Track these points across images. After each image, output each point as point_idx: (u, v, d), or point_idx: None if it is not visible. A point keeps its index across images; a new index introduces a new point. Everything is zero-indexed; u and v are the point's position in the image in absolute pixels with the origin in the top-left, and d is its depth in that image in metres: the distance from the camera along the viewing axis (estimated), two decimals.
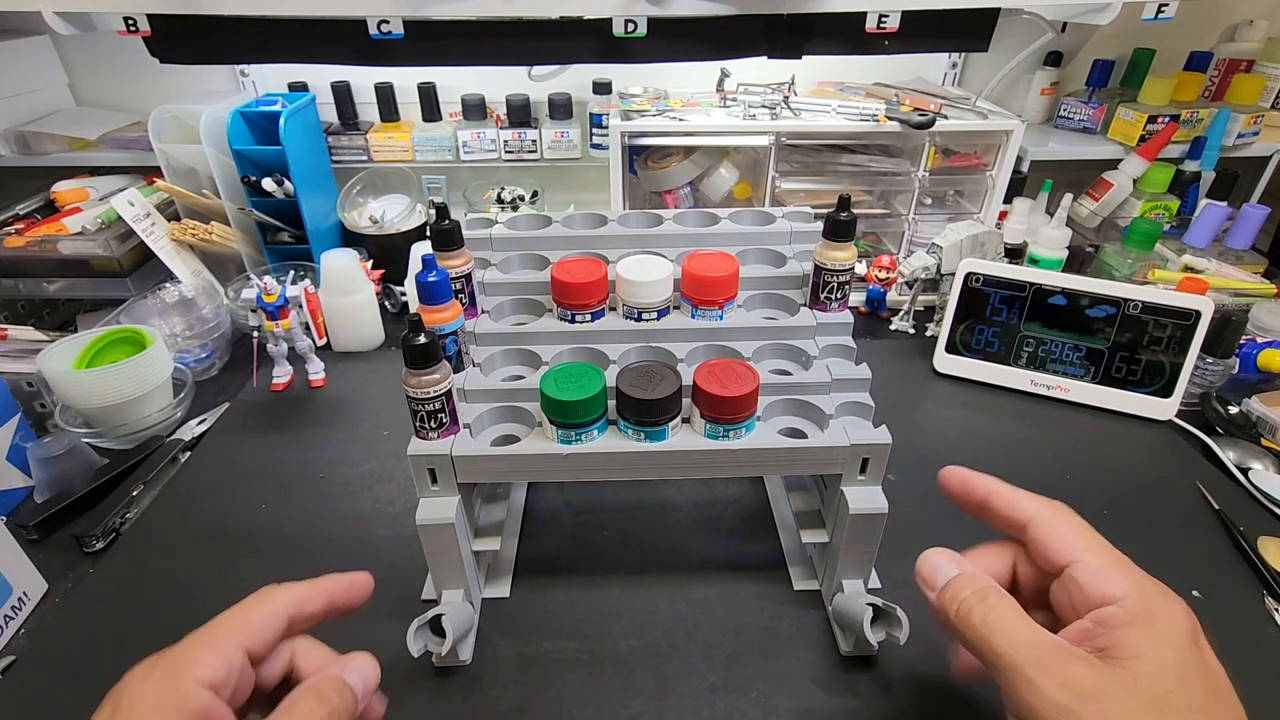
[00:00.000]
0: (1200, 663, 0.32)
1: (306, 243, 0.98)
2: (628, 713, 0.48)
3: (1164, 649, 0.31)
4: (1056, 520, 0.37)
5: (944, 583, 0.36)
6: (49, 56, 1.07)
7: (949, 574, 0.37)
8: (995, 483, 0.40)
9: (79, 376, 0.71)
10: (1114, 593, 0.33)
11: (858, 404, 0.50)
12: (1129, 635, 0.31)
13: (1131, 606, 0.32)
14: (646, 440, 0.47)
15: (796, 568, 0.58)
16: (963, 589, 0.35)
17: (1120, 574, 0.34)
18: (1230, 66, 1.07)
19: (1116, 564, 0.34)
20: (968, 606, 0.34)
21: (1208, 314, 0.73)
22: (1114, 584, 0.33)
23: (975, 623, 0.34)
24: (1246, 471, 0.68)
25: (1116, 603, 0.33)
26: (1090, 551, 0.35)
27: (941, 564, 0.37)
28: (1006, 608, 0.34)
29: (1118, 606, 0.32)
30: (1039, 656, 0.31)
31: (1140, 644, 0.31)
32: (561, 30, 0.87)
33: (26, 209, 0.97)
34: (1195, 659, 0.31)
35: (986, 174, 0.98)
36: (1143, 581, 0.34)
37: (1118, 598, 0.33)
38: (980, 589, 0.35)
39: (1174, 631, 0.32)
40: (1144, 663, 0.30)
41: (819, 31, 0.86)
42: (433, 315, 0.48)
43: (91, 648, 0.53)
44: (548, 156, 1.10)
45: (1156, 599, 0.33)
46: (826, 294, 0.55)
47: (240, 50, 0.90)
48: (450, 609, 0.48)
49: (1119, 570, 0.34)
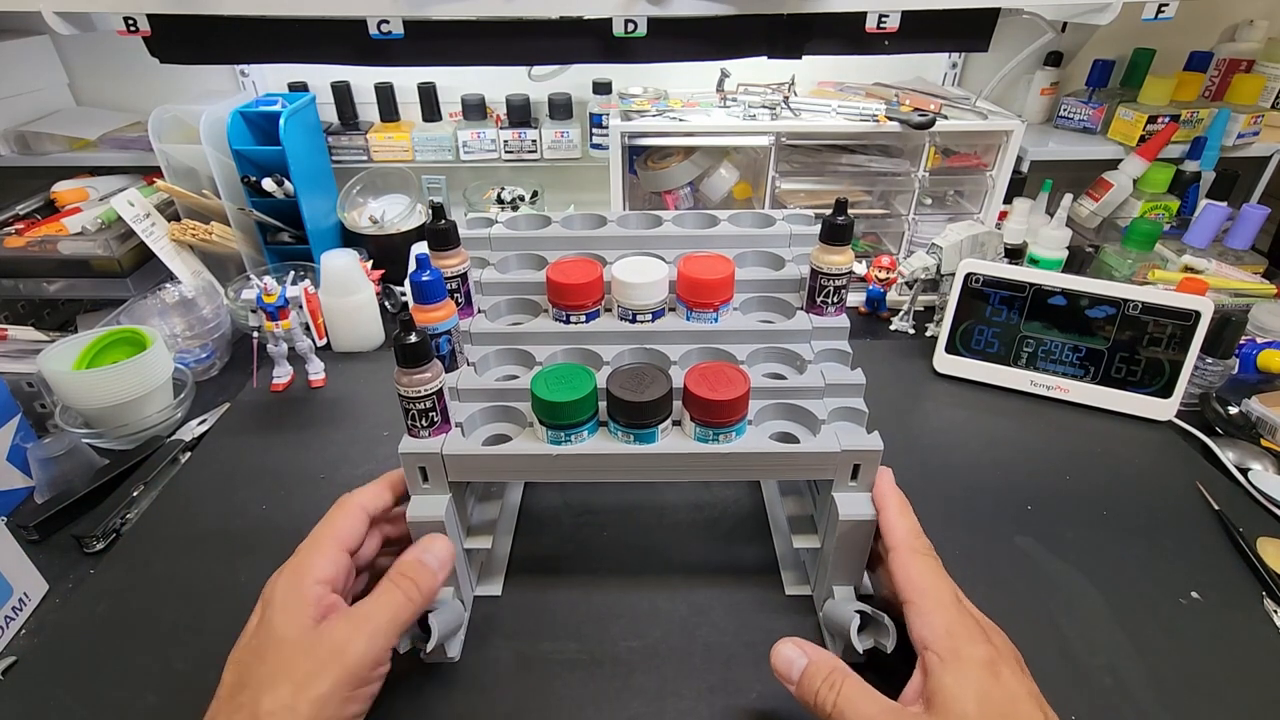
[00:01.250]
0: (999, 691, 0.37)
1: (306, 243, 0.98)
2: (627, 713, 0.48)
3: (967, 688, 0.37)
4: (907, 557, 0.44)
5: (798, 675, 0.42)
6: (49, 56, 1.07)
7: (800, 665, 0.42)
8: (895, 501, 0.47)
9: (79, 377, 0.71)
10: (927, 636, 0.40)
11: (851, 409, 0.50)
12: (942, 680, 0.38)
13: (941, 650, 0.39)
14: (636, 442, 0.47)
15: (789, 572, 0.58)
16: (815, 679, 0.41)
17: (936, 618, 0.40)
18: (1230, 66, 1.07)
19: (936, 608, 0.41)
20: (822, 696, 0.40)
21: (1208, 314, 0.72)
22: (930, 627, 0.40)
23: (829, 710, 0.39)
24: (1246, 472, 0.68)
25: (930, 646, 0.39)
26: (920, 594, 0.42)
27: (793, 657, 0.43)
28: (851, 687, 0.39)
29: (932, 651, 0.39)
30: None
31: (950, 687, 0.37)
32: (561, 30, 0.87)
33: (26, 209, 0.97)
34: (993, 688, 0.37)
35: (986, 174, 0.97)
36: (954, 624, 0.40)
37: (929, 642, 0.39)
38: (828, 676, 0.40)
39: (973, 667, 0.38)
40: (954, 706, 0.36)
41: (819, 31, 0.86)
42: (426, 314, 0.48)
43: (92, 648, 0.53)
44: (548, 156, 1.10)
45: (961, 639, 0.39)
46: (823, 298, 0.54)
47: (240, 50, 0.90)
48: (438, 606, 0.48)
49: (936, 614, 0.40)
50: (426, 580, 0.44)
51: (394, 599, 0.42)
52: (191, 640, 0.53)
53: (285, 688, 0.37)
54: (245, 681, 0.38)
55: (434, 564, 0.45)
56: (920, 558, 0.44)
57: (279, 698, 0.36)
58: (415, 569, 0.44)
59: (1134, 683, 0.50)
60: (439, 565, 0.45)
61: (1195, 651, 0.52)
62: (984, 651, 0.39)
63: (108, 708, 0.49)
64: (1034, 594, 0.56)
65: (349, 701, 0.39)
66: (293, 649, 0.38)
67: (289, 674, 0.37)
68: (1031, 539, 0.61)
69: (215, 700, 0.39)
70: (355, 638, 0.39)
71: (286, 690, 0.37)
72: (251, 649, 0.39)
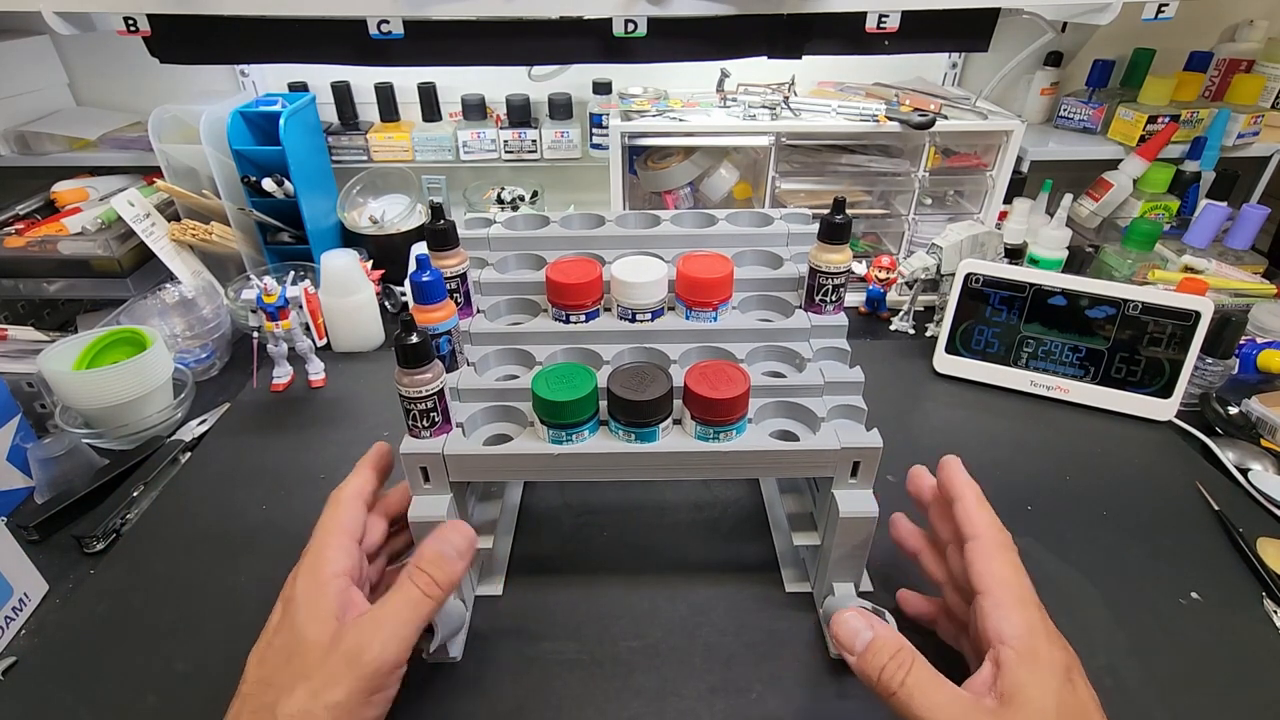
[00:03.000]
0: (1075, 698, 0.37)
1: (306, 243, 0.98)
2: (627, 714, 0.48)
3: (1047, 691, 0.37)
4: (991, 548, 0.43)
5: (862, 646, 0.40)
6: (49, 56, 1.07)
7: (865, 637, 0.40)
8: (970, 489, 0.46)
9: (79, 377, 0.71)
10: (1006, 631, 0.39)
11: (850, 407, 0.50)
12: (1019, 677, 0.37)
13: (1020, 648, 0.38)
14: (637, 441, 0.47)
15: (789, 570, 0.58)
16: (882, 655, 0.39)
17: (1016, 614, 0.39)
18: (1230, 66, 1.07)
19: (1017, 604, 0.40)
20: (889, 673, 0.38)
21: (1207, 314, 0.72)
22: (1009, 622, 0.39)
23: (896, 689, 0.38)
24: (1246, 472, 0.68)
25: (1008, 642, 0.38)
26: (1001, 586, 0.41)
27: (859, 628, 0.41)
28: (920, 670, 0.38)
29: (1009, 648, 0.38)
30: (953, 717, 0.36)
31: (1029, 686, 0.37)
32: (561, 30, 0.87)
33: (26, 209, 0.97)
34: (1069, 695, 0.37)
35: (986, 174, 0.97)
36: (1034, 623, 0.39)
37: (1007, 639, 0.38)
38: (897, 655, 0.39)
39: (1052, 671, 0.37)
40: (1032, 706, 0.36)
41: (819, 31, 0.86)
42: (426, 315, 0.48)
43: (92, 648, 0.53)
44: (548, 156, 1.10)
45: (1041, 641, 0.38)
46: (821, 296, 0.54)
47: (240, 50, 0.90)
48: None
49: (1016, 611, 0.40)
50: (446, 572, 0.42)
51: (411, 596, 0.41)
52: (191, 640, 0.53)
53: (303, 692, 0.37)
54: (270, 681, 0.38)
55: (453, 554, 0.43)
56: (1004, 550, 0.43)
57: (296, 701, 0.36)
58: (434, 562, 0.42)
59: (1134, 683, 0.50)
60: (458, 554, 0.43)
61: (1195, 651, 0.52)
62: (1062, 656, 0.38)
63: (108, 708, 0.49)
64: None
65: (366, 706, 0.38)
66: (313, 650, 0.38)
67: (307, 678, 0.37)
68: (1031, 539, 0.61)
69: (237, 698, 0.39)
70: (372, 641, 0.39)
71: (304, 694, 0.37)
72: (275, 648, 0.39)
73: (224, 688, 0.39)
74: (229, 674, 0.39)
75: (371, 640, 0.39)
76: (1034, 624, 0.39)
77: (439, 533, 0.44)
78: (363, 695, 0.38)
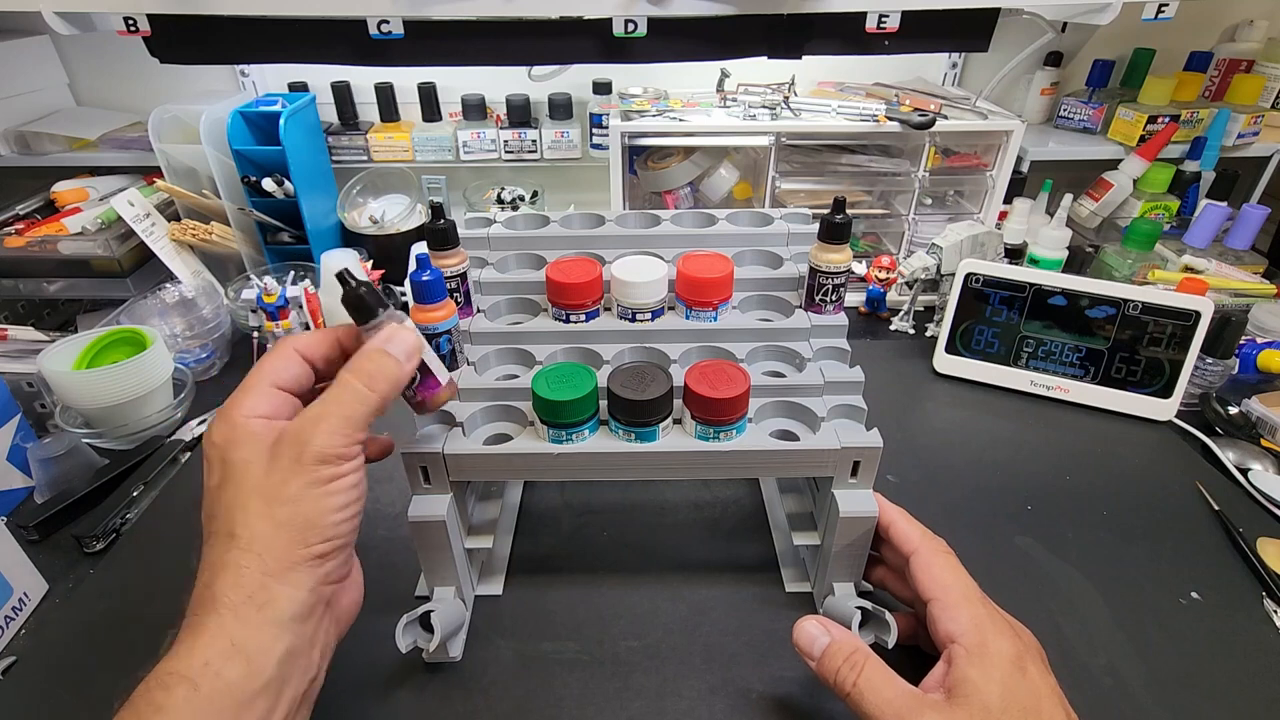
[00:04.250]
0: (1024, 686, 0.38)
1: (306, 243, 0.98)
2: (627, 713, 0.48)
3: (992, 681, 0.38)
4: (929, 558, 0.45)
5: (819, 652, 0.43)
6: (49, 56, 1.07)
7: (823, 643, 0.43)
8: (899, 514, 0.48)
9: (79, 377, 0.71)
10: (954, 630, 0.40)
11: (850, 406, 0.50)
12: (966, 672, 0.38)
13: (968, 643, 0.39)
14: (637, 441, 0.47)
15: (789, 569, 0.58)
16: (836, 658, 0.41)
17: (963, 611, 0.41)
18: (1230, 66, 1.07)
19: (962, 602, 0.42)
20: (842, 676, 0.41)
21: (1208, 314, 0.72)
22: (956, 622, 0.41)
23: (849, 690, 0.40)
24: (1246, 472, 0.68)
25: (957, 640, 0.40)
26: (944, 590, 0.43)
27: (815, 634, 0.43)
28: (872, 670, 0.40)
29: (958, 644, 0.40)
30: (899, 712, 0.38)
31: (975, 679, 0.38)
32: (561, 30, 0.87)
33: (26, 209, 0.97)
34: (1019, 683, 0.38)
35: (986, 174, 0.98)
36: (981, 618, 0.41)
37: (956, 635, 0.40)
38: (850, 656, 0.41)
39: (1000, 661, 0.38)
40: (977, 697, 0.37)
41: (819, 31, 0.86)
42: (427, 314, 0.48)
43: (92, 648, 0.53)
44: (548, 156, 1.10)
45: (989, 633, 0.40)
46: (821, 296, 0.55)
47: (240, 50, 0.90)
48: (440, 606, 0.48)
49: (963, 608, 0.41)
50: (389, 368, 0.39)
51: (350, 387, 0.38)
52: None
53: (257, 503, 0.35)
54: (220, 515, 0.36)
55: (398, 353, 0.40)
56: (942, 555, 0.45)
57: (253, 515, 0.35)
58: (374, 358, 0.39)
59: (1134, 683, 0.50)
60: (404, 355, 0.40)
61: (1195, 651, 0.52)
62: (1011, 646, 0.39)
63: (108, 708, 0.48)
64: (1034, 594, 0.56)
65: (326, 495, 0.36)
66: (253, 470, 0.36)
67: (257, 493, 0.35)
68: (1031, 539, 0.61)
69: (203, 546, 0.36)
70: (314, 432, 0.36)
71: (259, 505, 0.35)
72: (212, 490, 0.37)
73: None
74: None
75: (313, 431, 0.36)
76: (979, 619, 0.41)
77: (384, 333, 0.40)
78: (319, 485, 0.36)
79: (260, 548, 0.35)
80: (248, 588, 0.34)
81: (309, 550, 0.36)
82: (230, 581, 0.34)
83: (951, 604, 0.42)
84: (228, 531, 0.35)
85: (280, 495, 0.35)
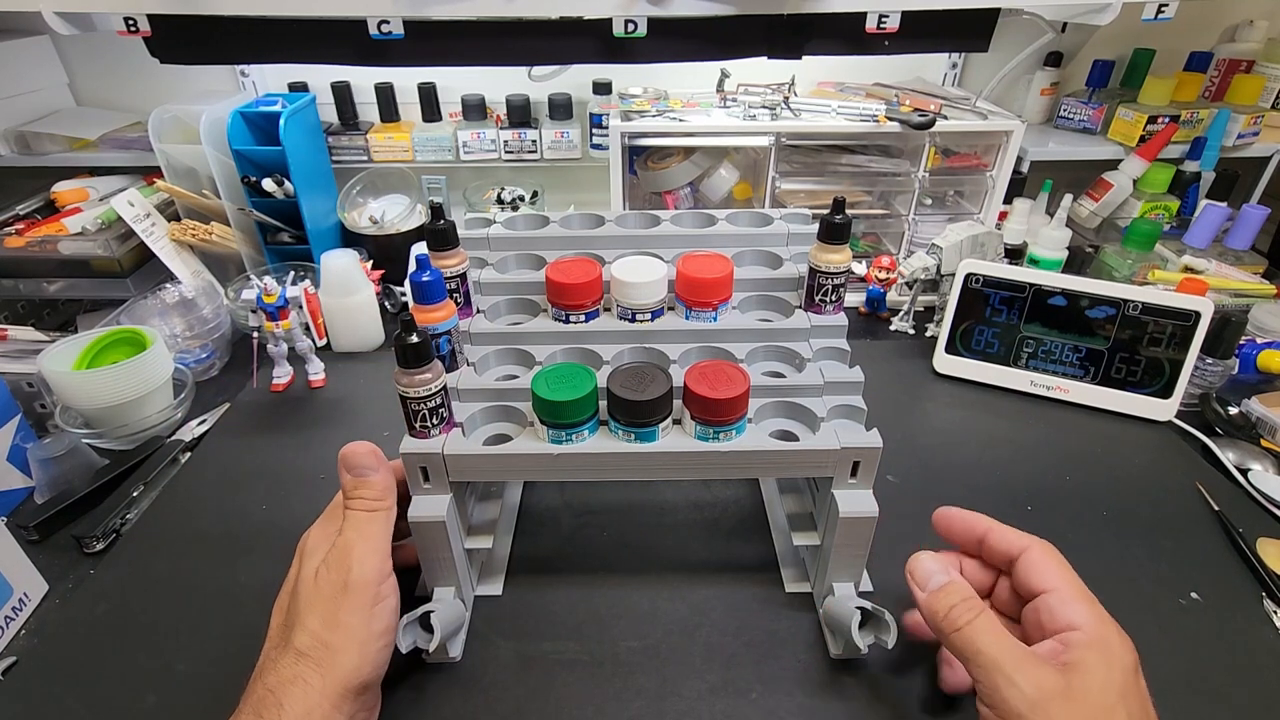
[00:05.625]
0: (1138, 688, 0.39)
1: (306, 243, 0.98)
2: (627, 713, 0.48)
3: (1113, 671, 0.38)
4: (1044, 555, 0.44)
5: (935, 587, 0.43)
6: (49, 56, 1.07)
7: (940, 580, 0.43)
8: (991, 521, 0.48)
9: (79, 377, 0.71)
10: (1078, 620, 0.40)
11: (850, 407, 0.50)
12: (1087, 655, 0.38)
13: (1090, 633, 0.39)
14: (637, 441, 0.47)
15: (789, 570, 0.58)
16: (953, 595, 0.42)
17: (1085, 606, 0.41)
18: (1230, 67, 1.07)
19: (1083, 598, 0.42)
20: (958, 611, 0.41)
21: (1207, 315, 0.72)
22: (1079, 614, 0.40)
23: (962, 625, 0.40)
24: (1246, 472, 0.68)
25: (1079, 629, 0.40)
26: (1065, 584, 0.42)
27: (934, 569, 0.44)
28: (988, 617, 0.41)
29: (1080, 631, 0.39)
30: (1016, 659, 0.38)
31: (1095, 663, 0.38)
32: (561, 30, 0.87)
33: (26, 209, 0.97)
34: (1135, 684, 0.38)
35: (986, 174, 0.98)
36: (1102, 615, 0.41)
37: (1079, 625, 0.40)
38: (968, 598, 0.42)
39: (1122, 658, 0.39)
40: (1097, 677, 0.37)
41: (819, 31, 0.86)
42: (426, 315, 0.48)
43: (92, 648, 0.53)
44: (548, 157, 1.10)
45: (1112, 631, 0.40)
46: (821, 296, 0.54)
47: (240, 50, 0.90)
48: (440, 606, 0.48)
49: (1084, 604, 0.41)
50: (372, 487, 0.46)
51: (359, 518, 0.45)
52: (191, 640, 0.53)
53: (313, 621, 0.41)
54: (287, 622, 0.42)
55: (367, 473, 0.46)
56: (1056, 552, 0.44)
57: (308, 629, 0.41)
58: (354, 486, 0.46)
59: None
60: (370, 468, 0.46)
61: (1195, 651, 0.52)
62: (1132, 654, 0.39)
63: (108, 708, 0.49)
64: None
65: (372, 618, 0.42)
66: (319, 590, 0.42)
67: (313, 610, 0.42)
68: None
69: (266, 644, 0.43)
70: (350, 565, 0.43)
71: (314, 622, 0.41)
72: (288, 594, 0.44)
73: (224, 687, 0.39)
74: (229, 674, 0.39)
75: (350, 564, 0.43)
76: (1103, 617, 0.41)
77: (344, 460, 0.47)
78: (364, 609, 0.42)
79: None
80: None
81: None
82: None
83: (1072, 598, 0.41)
84: (287, 640, 0.41)
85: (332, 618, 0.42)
